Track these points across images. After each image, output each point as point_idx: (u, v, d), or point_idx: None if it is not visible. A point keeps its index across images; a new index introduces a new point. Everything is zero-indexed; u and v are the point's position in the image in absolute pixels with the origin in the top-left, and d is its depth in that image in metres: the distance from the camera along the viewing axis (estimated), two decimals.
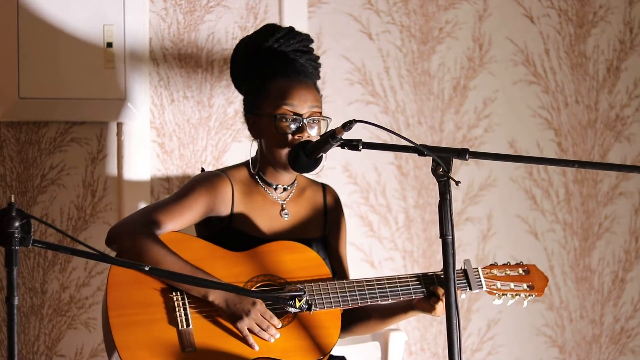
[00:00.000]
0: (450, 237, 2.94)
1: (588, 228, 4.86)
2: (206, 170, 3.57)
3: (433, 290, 3.40)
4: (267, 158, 3.48)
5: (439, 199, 2.96)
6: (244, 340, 3.25)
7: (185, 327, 3.24)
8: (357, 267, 4.35)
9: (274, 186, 3.51)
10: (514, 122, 4.74)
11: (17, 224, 2.66)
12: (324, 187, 3.64)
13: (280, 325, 3.28)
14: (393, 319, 3.53)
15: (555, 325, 4.79)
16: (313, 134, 3.43)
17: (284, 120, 3.42)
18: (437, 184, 2.96)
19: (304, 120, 3.41)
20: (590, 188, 4.87)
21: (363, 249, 4.49)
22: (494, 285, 3.49)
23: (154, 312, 3.24)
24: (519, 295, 3.51)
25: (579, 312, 4.83)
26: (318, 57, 3.61)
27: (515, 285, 3.51)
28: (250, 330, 3.25)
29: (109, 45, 4.06)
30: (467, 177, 4.66)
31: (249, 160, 3.54)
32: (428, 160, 2.99)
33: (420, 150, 3.01)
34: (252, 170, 3.50)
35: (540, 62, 4.79)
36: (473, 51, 4.68)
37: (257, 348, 3.26)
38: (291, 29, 3.57)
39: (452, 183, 2.95)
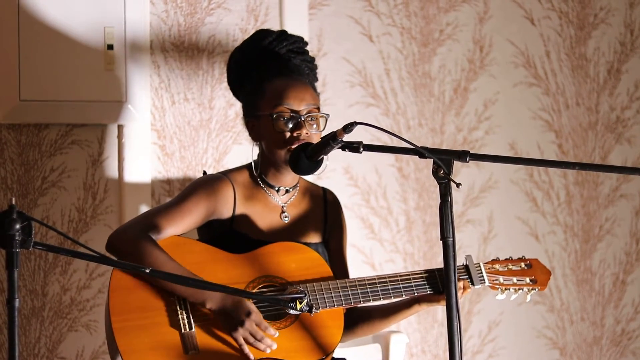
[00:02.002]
0: (451, 239, 2.94)
1: (589, 230, 4.86)
2: (208, 173, 3.57)
3: None
4: (268, 159, 3.48)
5: (439, 201, 2.96)
6: (239, 350, 3.25)
7: (187, 330, 3.24)
8: (358, 270, 4.34)
9: (276, 188, 3.51)
10: (514, 124, 4.75)
11: (17, 226, 2.66)
12: (324, 191, 3.65)
13: (276, 335, 3.27)
14: (396, 316, 3.52)
15: (556, 328, 4.79)
16: (312, 131, 3.43)
17: (281, 118, 3.42)
18: (438, 186, 2.96)
19: (301, 118, 3.42)
20: (591, 190, 4.87)
21: (364, 251, 4.49)
22: (496, 280, 3.48)
23: (156, 315, 3.24)
24: (522, 289, 3.49)
25: (580, 314, 4.83)
26: (313, 59, 3.61)
27: (518, 280, 3.50)
28: (245, 340, 3.24)
29: (110, 47, 4.06)
30: (467, 179, 4.66)
31: (250, 163, 3.54)
32: (429, 162, 2.99)
33: (421, 152, 3.00)
34: (254, 173, 3.51)
35: (540, 64, 4.79)
36: (474, 53, 4.68)
37: (252, 358, 3.25)
38: (283, 31, 3.58)
39: (453, 185, 2.95)
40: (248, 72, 3.54)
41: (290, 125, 3.43)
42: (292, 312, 3.02)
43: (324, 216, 3.61)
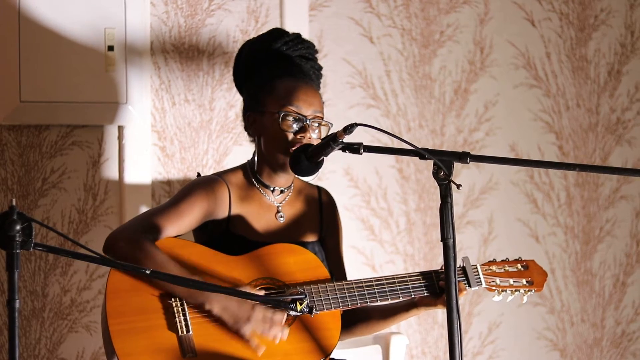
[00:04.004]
0: (452, 240, 2.94)
1: (589, 231, 4.86)
2: (202, 175, 3.57)
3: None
4: (265, 158, 3.48)
5: (440, 202, 2.96)
6: (240, 349, 3.24)
7: (185, 332, 3.23)
8: (358, 271, 4.34)
9: (271, 188, 3.51)
10: (515, 126, 4.75)
11: (18, 227, 2.66)
12: (319, 190, 3.65)
13: (284, 321, 3.27)
14: (394, 319, 3.52)
15: (556, 329, 4.79)
16: (314, 136, 3.43)
17: (288, 118, 3.42)
18: (438, 187, 2.96)
19: (307, 121, 3.42)
20: (591, 191, 4.87)
21: (364, 253, 4.49)
22: (493, 281, 3.49)
23: (154, 318, 3.24)
24: (519, 291, 3.50)
25: (580, 315, 4.83)
26: (321, 67, 3.62)
27: (514, 281, 3.51)
28: (255, 333, 3.24)
29: (110, 48, 4.06)
30: (468, 181, 4.66)
31: (245, 163, 3.54)
32: (429, 163, 2.99)
33: (421, 153, 3.00)
34: (250, 172, 3.51)
35: (541, 66, 4.79)
36: (474, 54, 4.68)
37: (262, 350, 3.25)
38: (298, 35, 3.59)
39: (453, 186, 2.95)
40: (259, 66, 3.53)
41: (295, 127, 3.43)
42: (292, 313, 3.02)
43: (319, 215, 3.61)
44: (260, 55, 3.54)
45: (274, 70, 3.50)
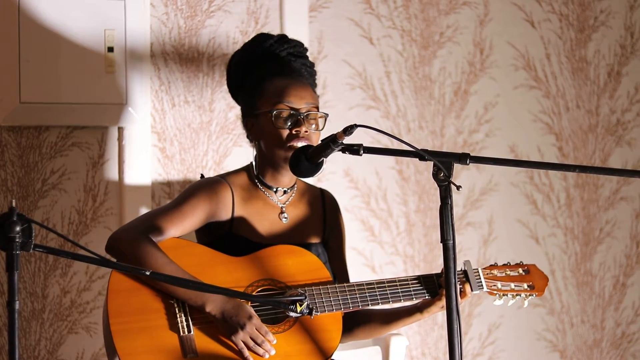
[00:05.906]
0: (451, 241, 2.94)
1: (589, 233, 4.86)
2: (205, 176, 3.57)
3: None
4: (267, 159, 3.48)
5: (439, 203, 2.96)
6: (239, 353, 3.25)
7: (186, 332, 3.24)
8: (358, 272, 4.34)
9: (274, 189, 3.52)
10: (514, 127, 4.75)
11: (18, 228, 2.66)
12: (322, 192, 3.65)
13: (275, 342, 3.27)
14: (397, 323, 3.52)
15: (556, 330, 4.79)
16: (311, 129, 3.44)
17: (281, 115, 3.43)
18: (438, 188, 2.96)
19: (301, 115, 3.43)
20: (591, 193, 4.87)
21: (364, 254, 4.49)
22: (494, 285, 3.49)
23: (155, 318, 3.24)
24: (520, 295, 3.51)
25: (580, 316, 4.83)
26: (313, 64, 3.62)
27: (515, 286, 3.51)
28: (245, 344, 3.24)
29: (110, 49, 4.06)
30: (468, 182, 4.66)
31: (248, 165, 3.55)
32: (429, 164, 2.99)
33: (421, 154, 3.01)
34: (253, 174, 3.51)
35: (541, 67, 4.79)
36: (474, 56, 4.68)
37: None
38: (284, 35, 3.61)
39: (453, 188, 2.95)
40: (248, 72, 3.55)
41: (290, 123, 3.44)
42: (292, 314, 3.02)
43: (322, 216, 3.61)
44: (248, 60, 3.56)
45: (262, 72, 3.51)
